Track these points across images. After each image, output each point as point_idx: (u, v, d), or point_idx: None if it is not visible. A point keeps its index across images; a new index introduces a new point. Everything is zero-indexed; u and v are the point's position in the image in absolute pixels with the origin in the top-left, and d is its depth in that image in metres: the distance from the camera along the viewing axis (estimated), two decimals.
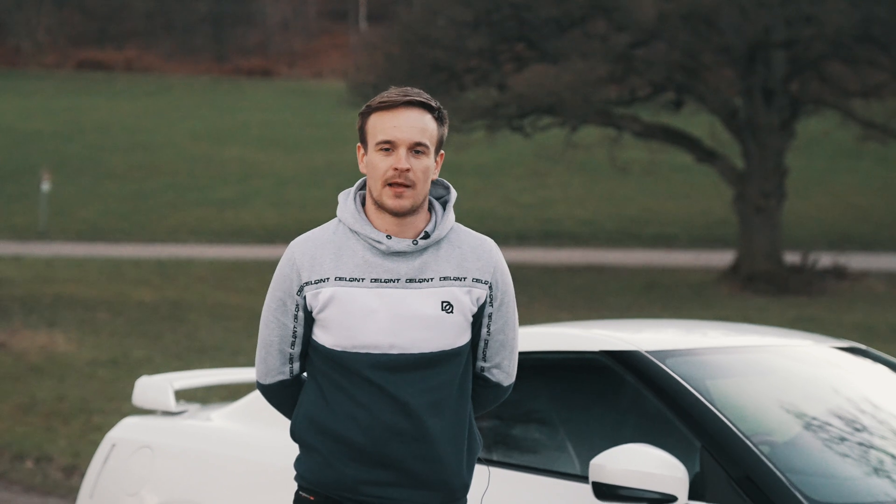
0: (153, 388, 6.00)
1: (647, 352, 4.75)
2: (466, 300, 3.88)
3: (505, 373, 4.04)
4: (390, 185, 3.82)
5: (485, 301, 3.92)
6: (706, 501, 4.33)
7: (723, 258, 27.67)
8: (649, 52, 25.96)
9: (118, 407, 11.74)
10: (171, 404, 5.94)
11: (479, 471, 4.77)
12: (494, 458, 4.92)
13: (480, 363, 4.00)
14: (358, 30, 59.26)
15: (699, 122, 28.31)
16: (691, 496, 4.33)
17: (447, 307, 3.85)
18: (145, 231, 31.05)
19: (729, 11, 24.81)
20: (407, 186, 3.82)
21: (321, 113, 46.29)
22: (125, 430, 5.91)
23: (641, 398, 4.69)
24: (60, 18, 61.63)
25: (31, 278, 22.25)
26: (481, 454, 4.95)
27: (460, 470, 3.90)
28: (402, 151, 3.82)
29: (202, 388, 11.06)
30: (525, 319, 17.62)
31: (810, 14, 24.69)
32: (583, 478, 4.59)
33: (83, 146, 41.32)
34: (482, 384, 4.03)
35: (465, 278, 3.89)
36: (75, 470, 9.91)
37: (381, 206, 3.85)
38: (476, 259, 3.93)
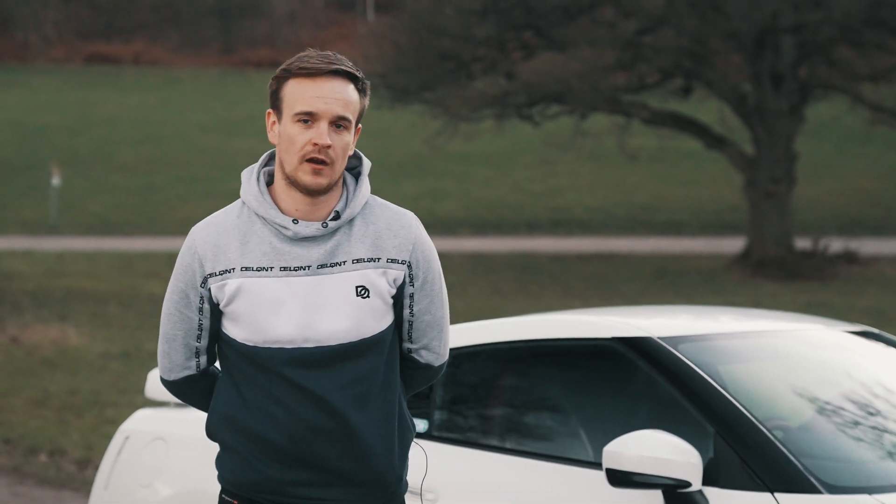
0: None
1: (659, 338, 4.75)
2: (382, 282, 3.55)
3: (434, 353, 3.71)
4: (308, 160, 3.48)
5: (403, 281, 3.58)
6: (720, 487, 4.33)
7: (733, 244, 27.63)
8: (657, 38, 25.93)
9: (131, 399, 11.76)
10: None
11: (416, 456, 4.64)
12: (507, 445, 4.93)
13: (407, 344, 3.67)
14: (365, 20, 59.23)
15: (708, 109, 28.27)
16: (705, 482, 4.33)
17: (362, 292, 3.52)
18: (155, 224, 31.08)
19: None
20: (326, 164, 3.48)
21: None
22: (138, 422, 5.92)
23: (654, 384, 4.68)
24: (68, 12, 61.66)
25: (42, 272, 22.29)
26: (493, 441, 4.95)
27: (391, 463, 3.61)
28: (324, 125, 3.48)
29: None
30: (536, 308, 17.64)
31: None
32: (596, 464, 4.59)
33: (92, 140, 41.36)
34: (411, 366, 3.72)
35: (379, 259, 3.55)
36: (89, 463, 9.93)
37: (293, 183, 3.51)
38: (392, 237, 3.58)
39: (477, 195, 34.36)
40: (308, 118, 3.50)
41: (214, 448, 5.19)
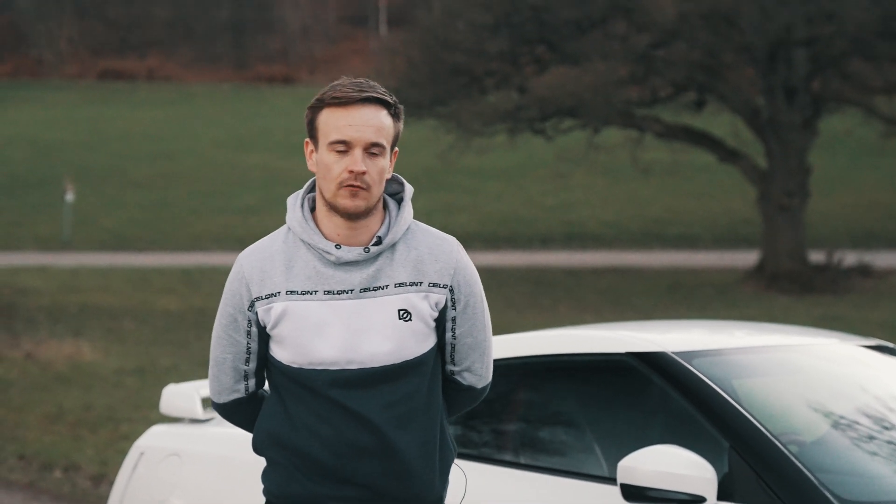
0: (180, 395, 6.01)
1: (673, 352, 4.74)
2: (425, 305, 3.63)
3: (477, 375, 3.79)
4: (344, 186, 3.57)
5: (445, 305, 3.67)
6: (735, 502, 4.32)
7: (747, 258, 27.60)
8: (670, 52, 25.93)
9: (145, 415, 11.77)
10: (199, 412, 5.94)
11: (456, 477, 4.65)
12: (522, 460, 4.92)
13: (450, 367, 3.77)
14: (378, 35, 59.32)
15: (721, 122, 28.26)
16: (720, 497, 4.32)
17: (405, 315, 3.61)
18: (169, 239, 31.13)
19: (749, 10, 24.75)
20: (362, 188, 3.56)
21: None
22: (153, 438, 5.93)
23: (668, 399, 4.68)
24: (82, 29, 61.85)
25: (56, 288, 22.33)
26: (507, 457, 4.95)
27: (433, 483, 3.68)
28: (358, 152, 3.56)
29: None
30: (550, 322, 17.61)
31: (831, 11, 24.62)
32: (611, 480, 4.58)
33: (106, 155, 41.45)
34: (454, 388, 3.81)
35: (421, 283, 3.63)
36: (103, 479, 9.93)
37: (333, 208, 3.61)
38: (434, 261, 3.66)
39: (490, 209, 34.37)
40: (343, 146, 3.58)
41: (229, 464, 5.20)
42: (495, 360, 5.06)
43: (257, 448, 3.77)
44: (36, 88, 56.40)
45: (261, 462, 5.21)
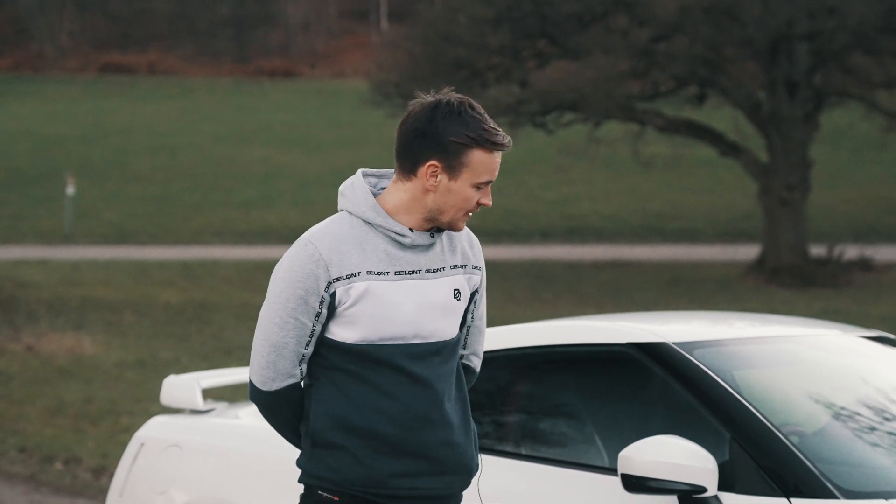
0: (181, 387, 6.01)
1: (674, 343, 4.74)
2: (467, 287, 3.98)
3: (478, 358, 4.15)
4: (467, 213, 3.90)
5: (477, 287, 4.03)
6: (736, 492, 4.32)
7: (748, 252, 27.60)
8: (671, 46, 25.91)
9: (146, 408, 11.77)
10: (199, 403, 5.95)
11: None
12: (523, 451, 4.92)
13: (461, 351, 4.08)
14: (379, 29, 59.29)
15: (722, 116, 28.25)
16: (721, 487, 4.32)
17: (457, 294, 3.93)
18: (170, 233, 31.13)
19: (751, 4, 24.75)
20: None
21: (344, 113, 46.34)
22: (154, 429, 5.93)
23: (669, 390, 4.67)
24: (83, 23, 61.84)
25: (57, 282, 22.34)
26: (508, 447, 4.96)
27: (473, 454, 3.98)
28: (489, 188, 3.91)
29: (229, 387, 11.08)
30: (550, 316, 17.61)
31: (833, 5, 24.61)
32: (611, 470, 4.58)
33: (107, 149, 41.45)
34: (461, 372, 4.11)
35: (466, 266, 3.99)
36: (104, 471, 9.94)
37: (448, 226, 3.89)
38: (470, 247, 4.02)
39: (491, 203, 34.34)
40: (484, 186, 3.89)
41: (229, 455, 5.17)
42: (496, 352, 5.08)
43: (318, 435, 3.87)
44: (37, 82, 56.40)
45: (258, 454, 5.18)
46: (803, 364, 5.10)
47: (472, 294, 4.01)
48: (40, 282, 22.20)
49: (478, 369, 4.15)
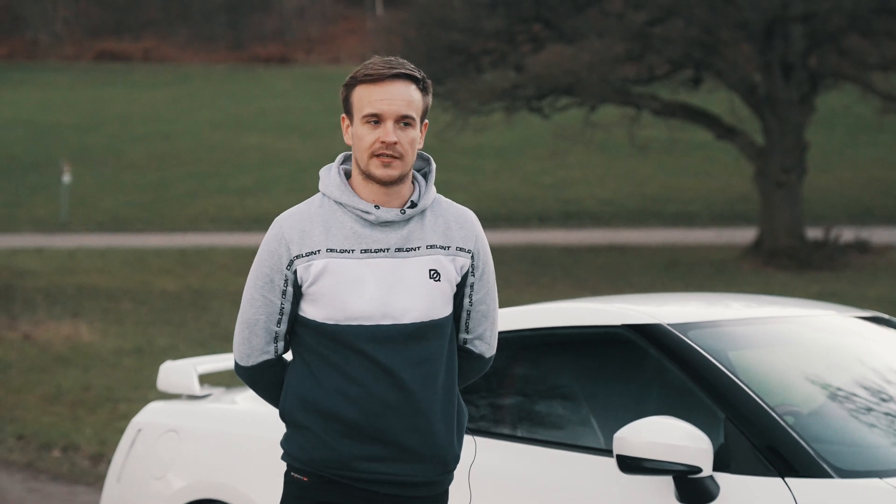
0: (178, 372, 6.03)
1: (669, 324, 4.75)
2: (451, 268, 3.91)
3: (487, 344, 4.07)
4: (377, 155, 3.84)
5: (468, 270, 3.95)
6: (731, 472, 4.33)
7: (744, 235, 27.60)
8: (666, 29, 25.87)
9: (143, 395, 11.79)
10: (196, 388, 5.96)
11: (466, 441, 4.77)
12: (519, 433, 4.93)
13: (463, 335, 4.02)
14: (374, 14, 59.20)
15: (718, 99, 28.21)
16: (716, 467, 4.33)
17: (434, 275, 3.87)
18: (166, 220, 31.12)
19: None
20: (395, 157, 3.83)
21: (339, 99, 46.23)
22: (151, 415, 5.94)
23: (664, 371, 4.68)
24: (77, 10, 61.73)
25: (54, 270, 22.33)
26: (504, 430, 4.96)
27: (452, 442, 3.92)
28: (390, 125, 3.83)
29: (226, 373, 11.10)
30: (547, 300, 17.61)
31: None
32: (607, 451, 4.60)
33: (103, 137, 41.41)
34: (465, 356, 4.06)
35: (449, 247, 3.91)
36: (102, 458, 9.95)
37: (368, 176, 3.86)
38: (459, 228, 3.95)
39: (487, 188, 34.36)
40: (375, 119, 3.85)
41: (226, 440, 5.19)
42: None
43: (286, 415, 3.92)
44: (32, 70, 56.31)
45: (255, 438, 5.20)
46: (798, 344, 5.11)
47: (464, 278, 3.94)
48: (37, 270, 22.19)
49: (486, 354, 4.08)
